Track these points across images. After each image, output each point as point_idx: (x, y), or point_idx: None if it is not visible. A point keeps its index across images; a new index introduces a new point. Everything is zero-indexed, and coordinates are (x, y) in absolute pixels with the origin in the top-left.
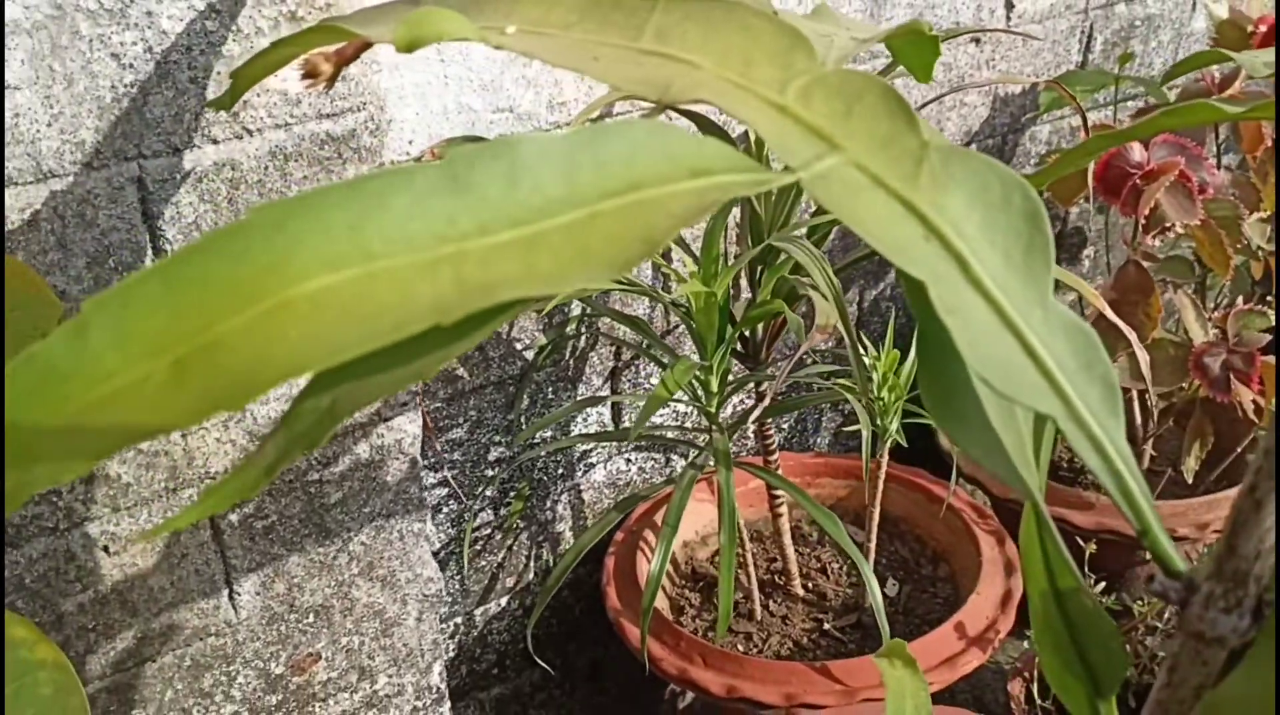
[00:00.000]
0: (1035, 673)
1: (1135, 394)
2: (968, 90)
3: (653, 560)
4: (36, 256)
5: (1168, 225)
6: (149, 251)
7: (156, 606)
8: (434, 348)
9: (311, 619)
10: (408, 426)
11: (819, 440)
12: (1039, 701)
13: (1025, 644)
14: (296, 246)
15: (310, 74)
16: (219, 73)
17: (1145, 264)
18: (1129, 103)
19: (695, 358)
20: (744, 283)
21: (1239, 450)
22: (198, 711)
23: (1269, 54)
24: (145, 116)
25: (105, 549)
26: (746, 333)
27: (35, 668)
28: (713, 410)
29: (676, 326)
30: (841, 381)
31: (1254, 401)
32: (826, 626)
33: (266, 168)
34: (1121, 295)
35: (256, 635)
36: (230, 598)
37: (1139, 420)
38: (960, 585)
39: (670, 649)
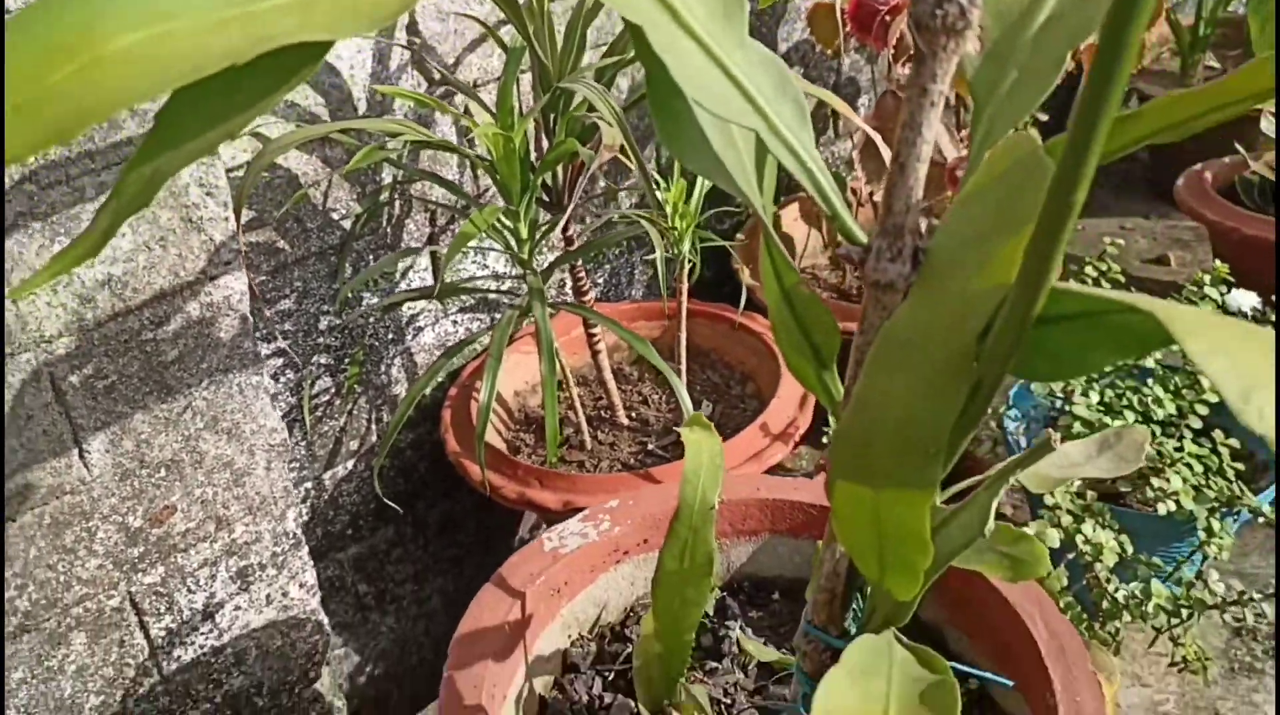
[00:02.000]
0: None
1: None
2: None
3: (480, 393)
4: None
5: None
6: None
7: (9, 466)
8: (236, 110)
9: (163, 473)
10: (234, 284)
11: (633, 292)
12: None
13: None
14: (101, 14)
15: None
16: None
17: (900, 94)
18: None
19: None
20: (543, 139)
21: None
22: (63, 566)
23: None
24: None
25: None
26: (548, 181)
27: None
28: (525, 257)
29: (487, 190)
30: (639, 212)
31: None
32: (651, 446)
33: None
34: (882, 123)
35: (111, 491)
36: (81, 456)
37: None
38: (766, 399)
39: (509, 477)
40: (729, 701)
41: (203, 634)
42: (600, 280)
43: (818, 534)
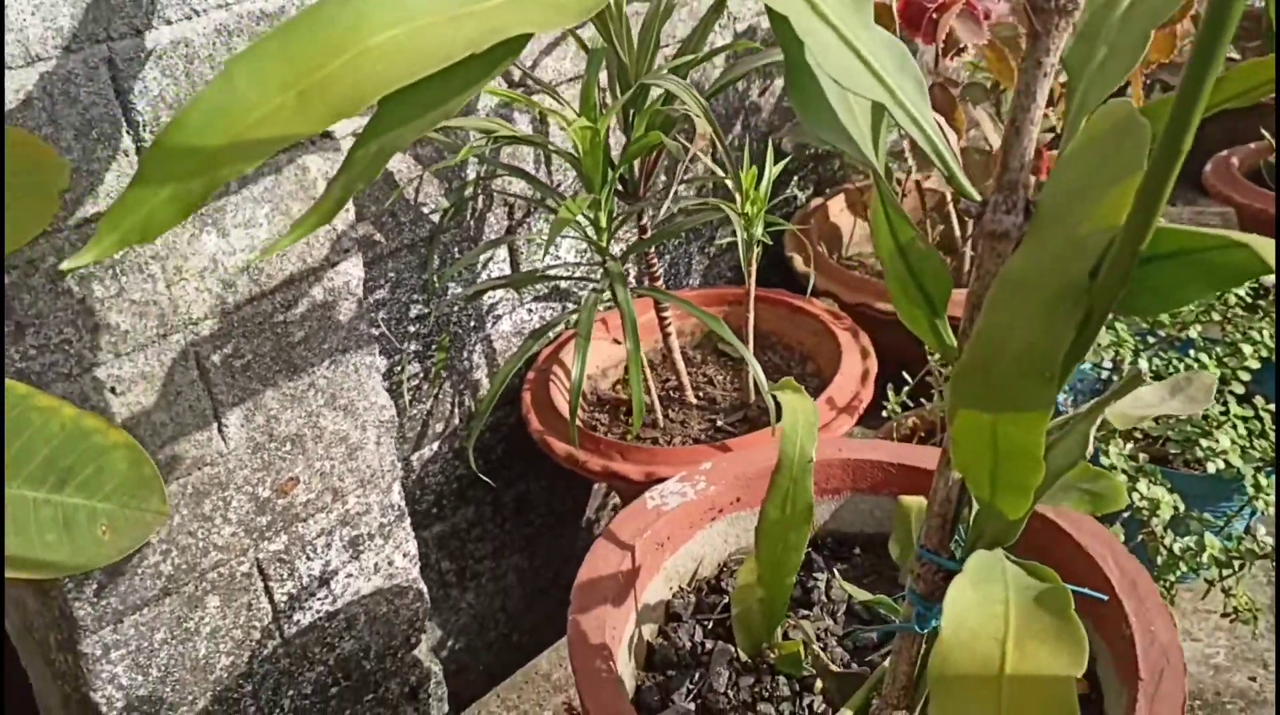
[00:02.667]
0: (894, 439)
1: (950, 198)
2: None
3: (573, 370)
4: (33, 132)
5: (961, 47)
6: (123, 123)
7: (159, 440)
8: (454, 93)
9: (288, 447)
10: (352, 270)
11: (691, 280)
12: None
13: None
14: (364, 15)
15: None
16: None
17: (948, 87)
18: None
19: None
20: (617, 132)
21: None
22: (202, 533)
23: None
24: (110, 2)
25: (112, 390)
26: (625, 174)
27: (111, 448)
28: (604, 244)
29: (559, 183)
30: (713, 201)
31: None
32: (720, 423)
33: (214, 43)
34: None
35: (244, 463)
36: (219, 430)
37: (957, 228)
38: (827, 377)
39: (592, 452)
40: (821, 645)
41: (319, 599)
42: (660, 271)
43: (896, 490)
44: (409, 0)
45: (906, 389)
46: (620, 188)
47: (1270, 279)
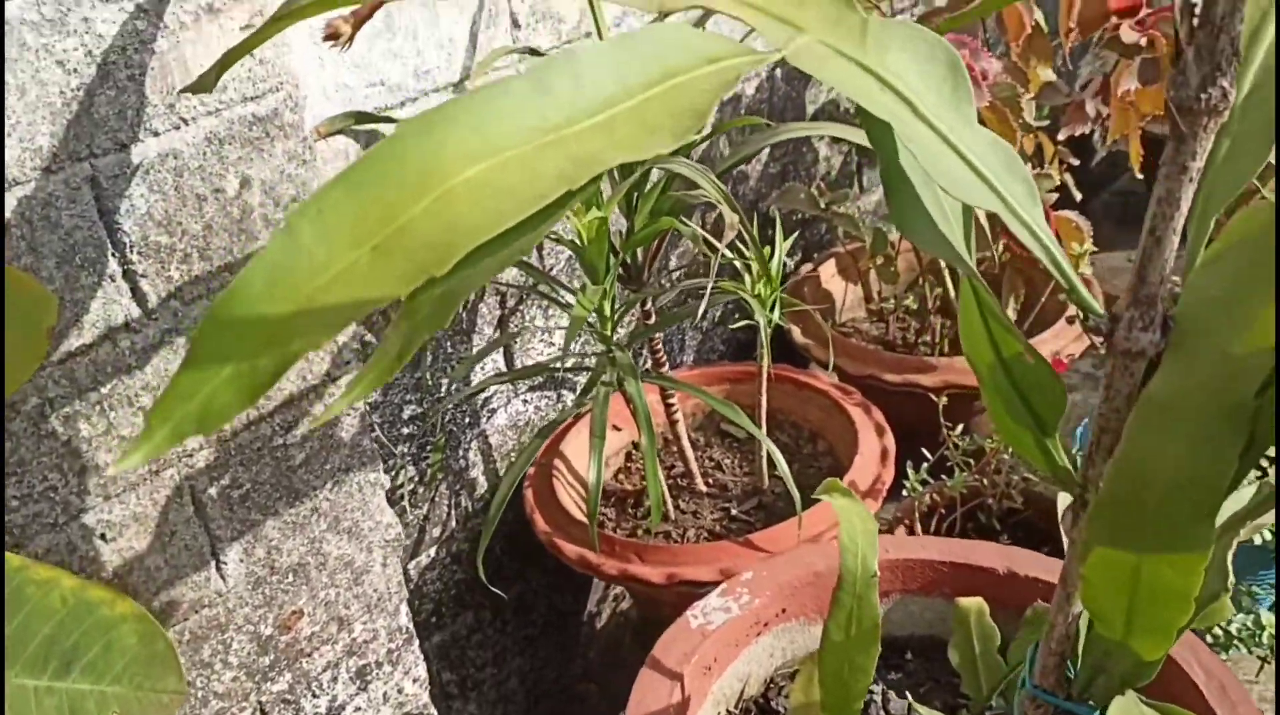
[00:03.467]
0: (917, 519)
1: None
2: None
3: (589, 473)
4: (10, 262)
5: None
6: (109, 245)
7: (155, 585)
8: (528, 229)
9: (291, 578)
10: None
11: (685, 357)
12: None
13: (899, 500)
14: (442, 149)
15: (333, 36)
16: (153, 68)
17: None
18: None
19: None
20: (615, 213)
21: (1043, 299)
22: (201, 682)
23: None
24: (93, 117)
25: (103, 536)
26: (626, 258)
27: (118, 622)
28: (609, 333)
29: (552, 268)
30: (724, 284)
31: None
32: (734, 512)
33: (204, 153)
34: None
35: (244, 600)
36: (218, 568)
37: (951, 290)
38: (839, 455)
39: (607, 554)
40: None
41: None
42: (663, 355)
43: (949, 591)
44: (490, 127)
45: (926, 466)
46: (622, 271)
47: None
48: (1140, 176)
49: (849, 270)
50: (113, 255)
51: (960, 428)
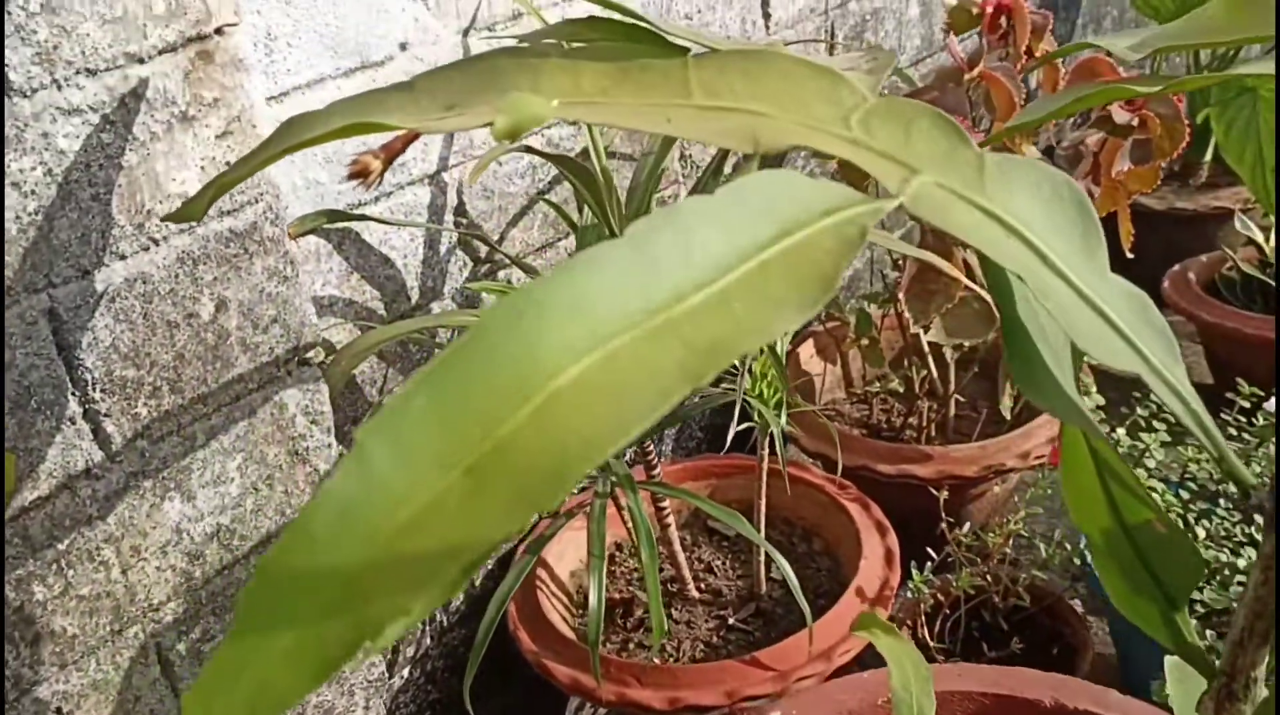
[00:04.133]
0: (921, 619)
1: (947, 350)
2: None
3: (590, 595)
4: None
5: None
6: (68, 384)
7: None
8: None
9: None
10: None
11: (664, 447)
12: (932, 643)
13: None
14: (537, 340)
15: (360, 173)
16: (120, 185)
17: (943, 233)
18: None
19: None
20: None
21: None
22: None
23: (1131, 39)
24: (52, 243)
25: (59, 711)
26: None
27: None
28: None
29: None
30: (724, 386)
31: None
32: (731, 621)
33: (176, 275)
34: (940, 246)
35: None
36: None
37: (934, 372)
38: (838, 554)
39: (604, 677)
40: None
41: None
42: (655, 458)
43: None
44: (590, 310)
45: (931, 566)
46: None
47: None
48: (1131, 256)
49: (828, 350)
50: (73, 395)
51: (955, 518)
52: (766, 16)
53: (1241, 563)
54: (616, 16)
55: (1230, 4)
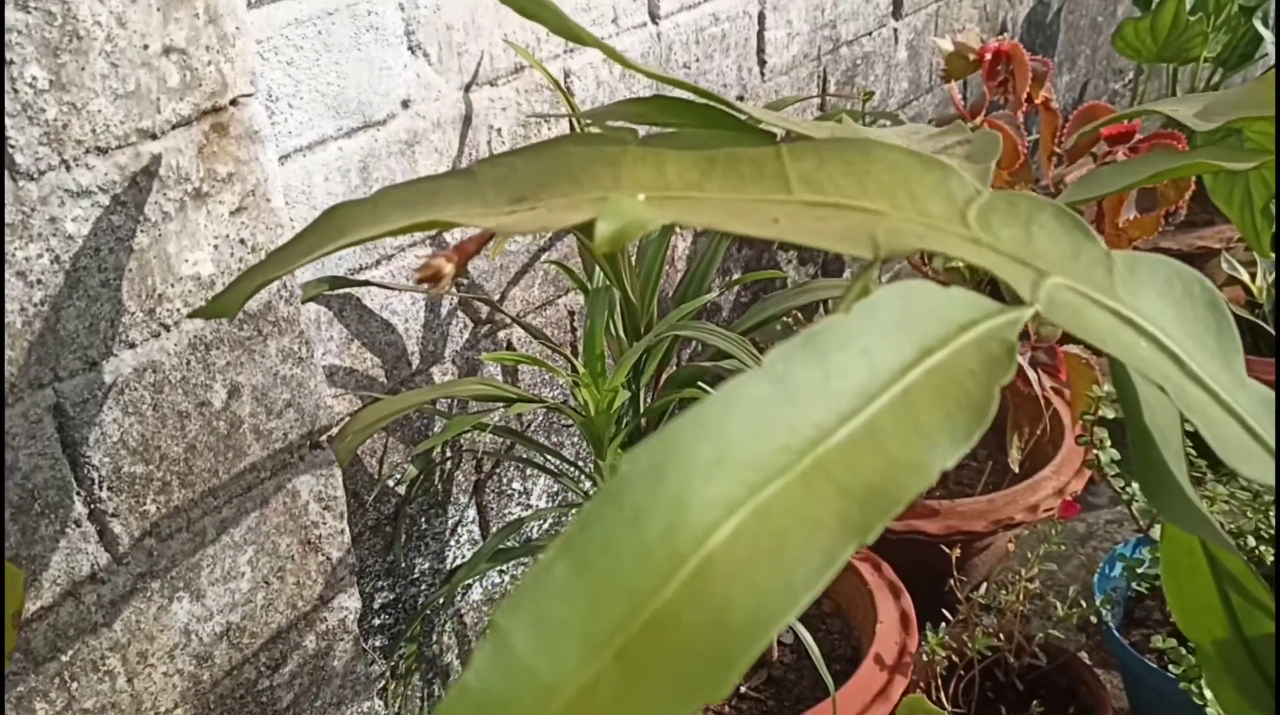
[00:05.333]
0: (936, 680)
1: None
2: None
3: None
4: None
5: None
6: (73, 485)
7: None
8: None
9: None
10: (349, 603)
11: None
12: (948, 707)
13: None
14: (684, 497)
15: (432, 278)
16: (130, 269)
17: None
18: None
19: (568, 453)
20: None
21: (1039, 435)
22: None
23: (1195, 104)
24: (59, 334)
25: None
26: (639, 425)
27: None
28: None
29: (529, 425)
30: None
31: (1054, 389)
32: (742, 689)
33: (189, 362)
34: None
35: None
36: None
37: None
38: (849, 617)
39: None
40: None
41: None
42: None
43: None
44: (733, 455)
45: (946, 628)
46: (626, 438)
47: None
48: None
49: None
50: (78, 495)
51: (961, 572)
52: (762, 64)
53: None
54: (686, 95)
55: None
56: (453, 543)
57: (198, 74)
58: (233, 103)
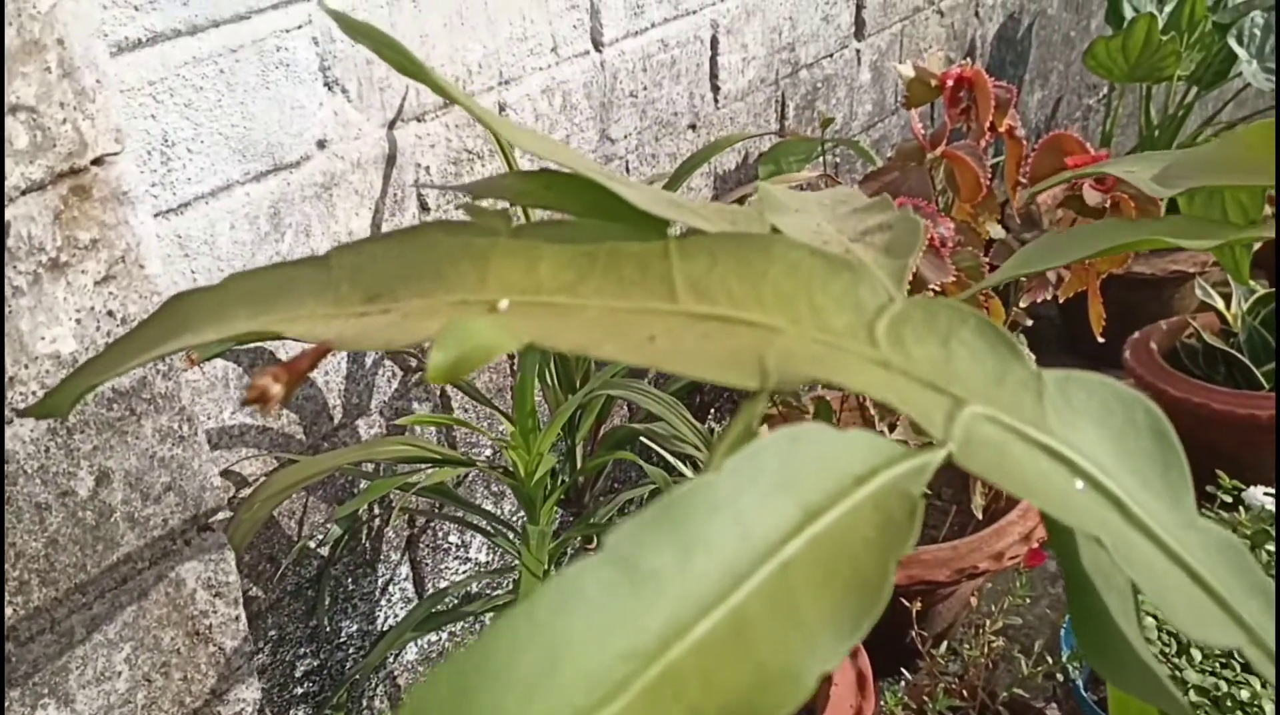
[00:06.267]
0: None
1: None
2: (692, 176)
3: None
4: None
5: (930, 288)
6: None
7: None
8: None
9: None
10: (247, 694)
11: None
12: None
13: None
14: None
15: (259, 399)
16: None
17: None
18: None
19: (496, 510)
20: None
21: None
22: None
23: (1153, 166)
24: None
25: None
26: (572, 484)
27: None
28: (548, 569)
29: (466, 476)
30: None
31: None
32: None
33: (47, 449)
34: None
35: None
36: None
37: None
38: None
39: None
40: None
41: None
42: None
43: None
44: (562, 664)
45: (905, 686)
46: (562, 496)
47: None
48: (1102, 340)
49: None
50: None
51: (921, 622)
52: (715, 90)
53: None
54: (571, 170)
55: (1261, 140)
56: (383, 602)
57: (50, 134)
58: (95, 162)
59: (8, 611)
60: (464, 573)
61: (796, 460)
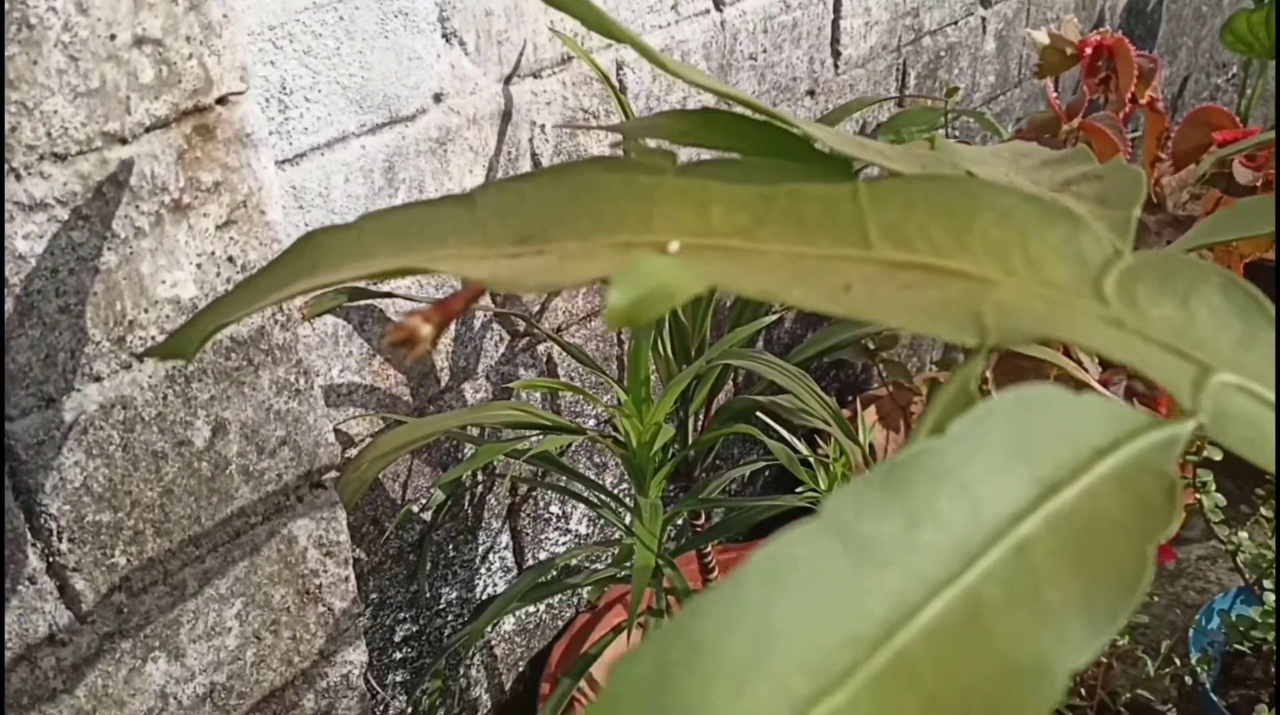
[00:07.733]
0: None
1: None
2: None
3: None
4: None
5: None
6: (28, 536)
7: None
8: None
9: None
10: (354, 656)
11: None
12: None
13: None
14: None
15: (407, 340)
16: (95, 292)
17: None
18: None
19: (601, 479)
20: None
21: None
22: None
23: None
24: (7, 367)
25: None
26: (685, 458)
27: None
28: (656, 548)
29: (570, 446)
30: (796, 498)
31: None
32: None
33: (165, 396)
34: None
35: None
36: None
37: None
38: None
39: None
40: None
41: None
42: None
43: None
44: (776, 650)
45: None
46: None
47: None
48: None
49: (892, 416)
50: (33, 547)
51: None
52: (836, 55)
53: None
54: (738, 110)
55: None
56: (483, 570)
57: (176, 69)
58: (220, 101)
59: (120, 561)
60: (563, 544)
61: (1029, 427)
